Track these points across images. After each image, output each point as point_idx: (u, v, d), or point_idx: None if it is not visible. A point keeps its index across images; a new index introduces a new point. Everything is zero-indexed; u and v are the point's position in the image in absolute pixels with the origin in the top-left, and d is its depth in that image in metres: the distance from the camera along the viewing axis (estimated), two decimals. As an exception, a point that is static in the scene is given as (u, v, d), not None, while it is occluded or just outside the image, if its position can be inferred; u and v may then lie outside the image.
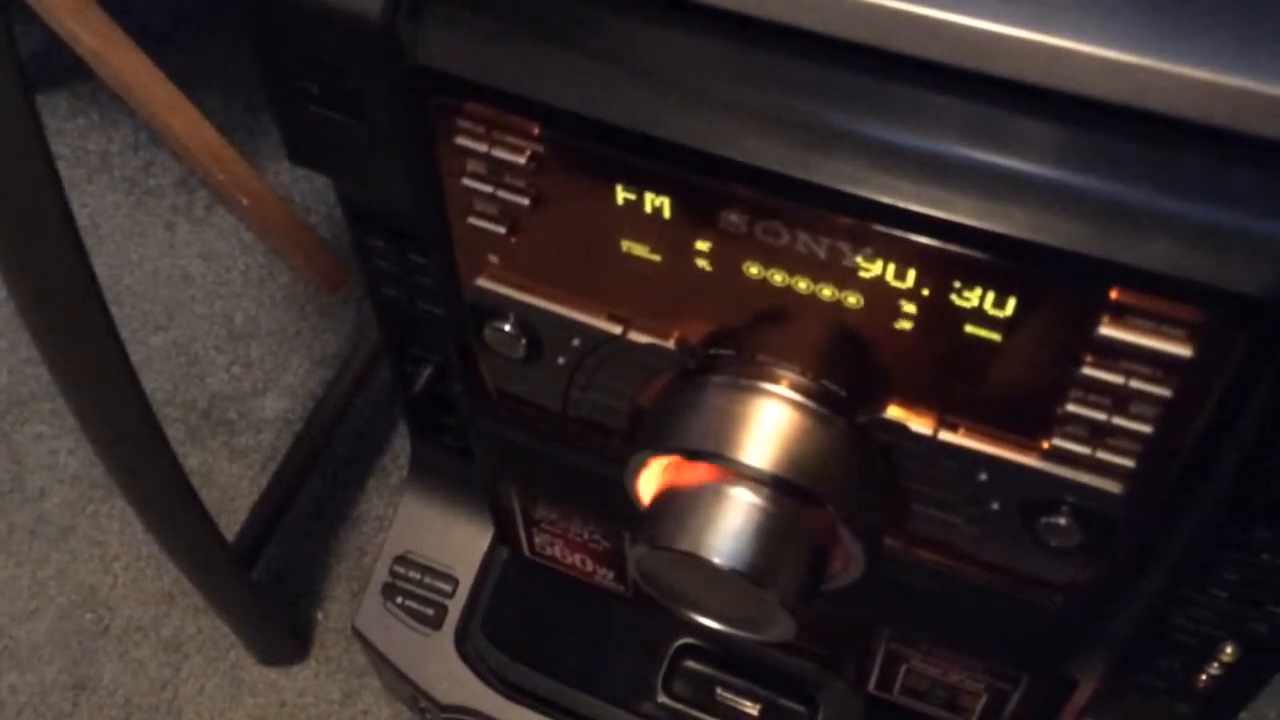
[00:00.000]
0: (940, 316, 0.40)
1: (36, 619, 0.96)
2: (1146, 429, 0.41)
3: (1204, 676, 0.56)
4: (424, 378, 0.64)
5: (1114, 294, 0.37)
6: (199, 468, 1.02)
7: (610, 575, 0.68)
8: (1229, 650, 0.54)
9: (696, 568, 0.47)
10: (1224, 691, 0.57)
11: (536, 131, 0.42)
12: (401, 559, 0.78)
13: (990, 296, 0.39)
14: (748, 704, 0.73)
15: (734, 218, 0.41)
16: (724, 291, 0.44)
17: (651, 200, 0.42)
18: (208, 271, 1.12)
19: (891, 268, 0.40)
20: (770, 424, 0.46)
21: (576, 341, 0.49)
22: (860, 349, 0.43)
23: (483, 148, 0.43)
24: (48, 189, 0.55)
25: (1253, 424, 0.41)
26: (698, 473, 0.48)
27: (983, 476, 0.45)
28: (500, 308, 0.49)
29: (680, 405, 0.48)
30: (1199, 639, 0.54)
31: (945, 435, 0.44)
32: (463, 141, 0.43)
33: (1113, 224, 0.37)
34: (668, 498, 0.49)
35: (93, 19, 0.94)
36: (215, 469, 1.03)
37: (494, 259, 0.48)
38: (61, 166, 0.55)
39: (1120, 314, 0.38)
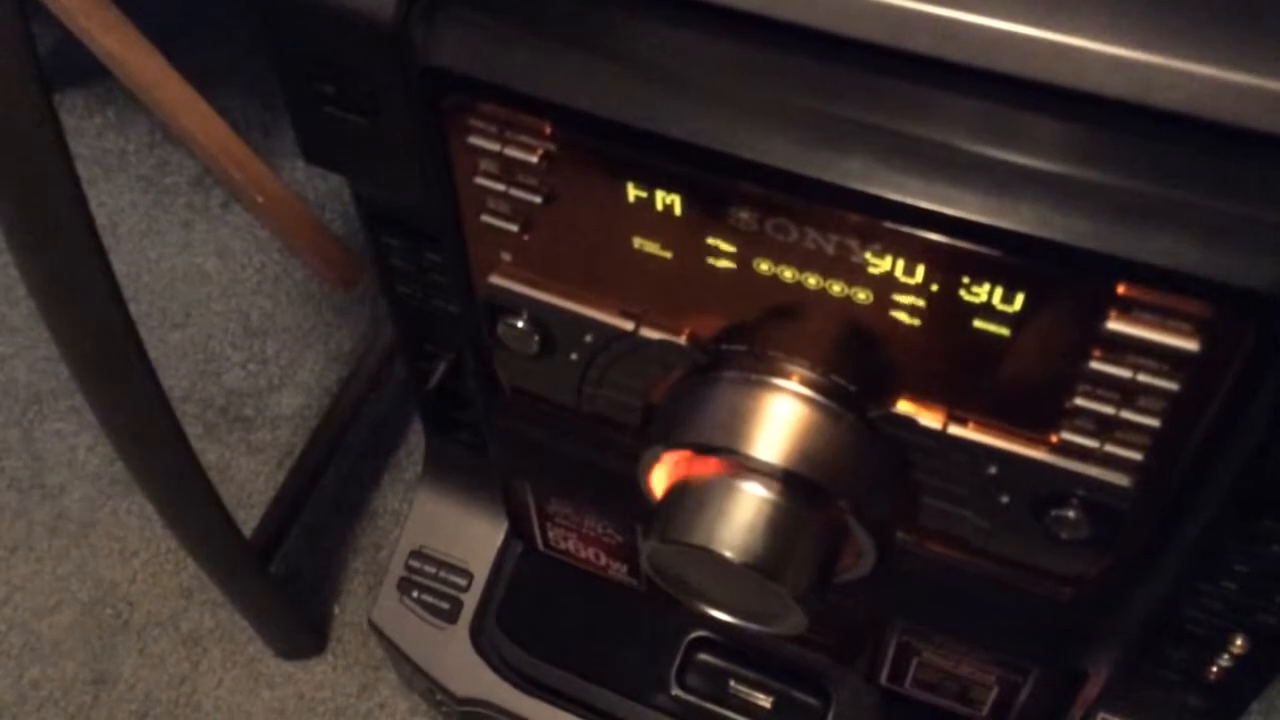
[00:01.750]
0: (949, 312, 0.41)
1: (57, 614, 0.97)
2: (1155, 423, 0.41)
3: (1214, 668, 0.57)
4: (438, 374, 0.65)
5: (1121, 289, 0.38)
6: (217, 463, 1.03)
7: (624, 569, 0.69)
8: (1239, 642, 0.55)
9: (709, 561, 0.48)
10: (1235, 683, 0.58)
11: (548, 131, 0.42)
12: (417, 554, 0.78)
13: (999, 292, 0.39)
14: (761, 696, 0.73)
15: (744, 215, 0.41)
16: (735, 288, 0.44)
17: (662, 198, 0.42)
18: (224, 269, 1.13)
19: (900, 263, 0.40)
20: (781, 419, 0.46)
21: (589, 338, 0.49)
22: (870, 344, 0.44)
23: (495, 147, 0.44)
24: (66, 188, 0.55)
25: (1260, 417, 0.41)
26: (710, 467, 0.48)
27: (992, 470, 0.45)
28: (513, 304, 0.49)
29: (692, 400, 0.48)
30: (1209, 631, 0.54)
31: (955, 429, 0.45)
32: (475, 141, 0.44)
33: (1120, 219, 0.37)
34: (680, 492, 0.49)
35: (109, 19, 0.94)
36: (233, 465, 1.03)
37: (507, 256, 0.48)
38: (79, 165, 0.55)
39: (1128, 309, 0.38)
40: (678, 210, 0.42)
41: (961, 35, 0.38)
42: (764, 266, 0.43)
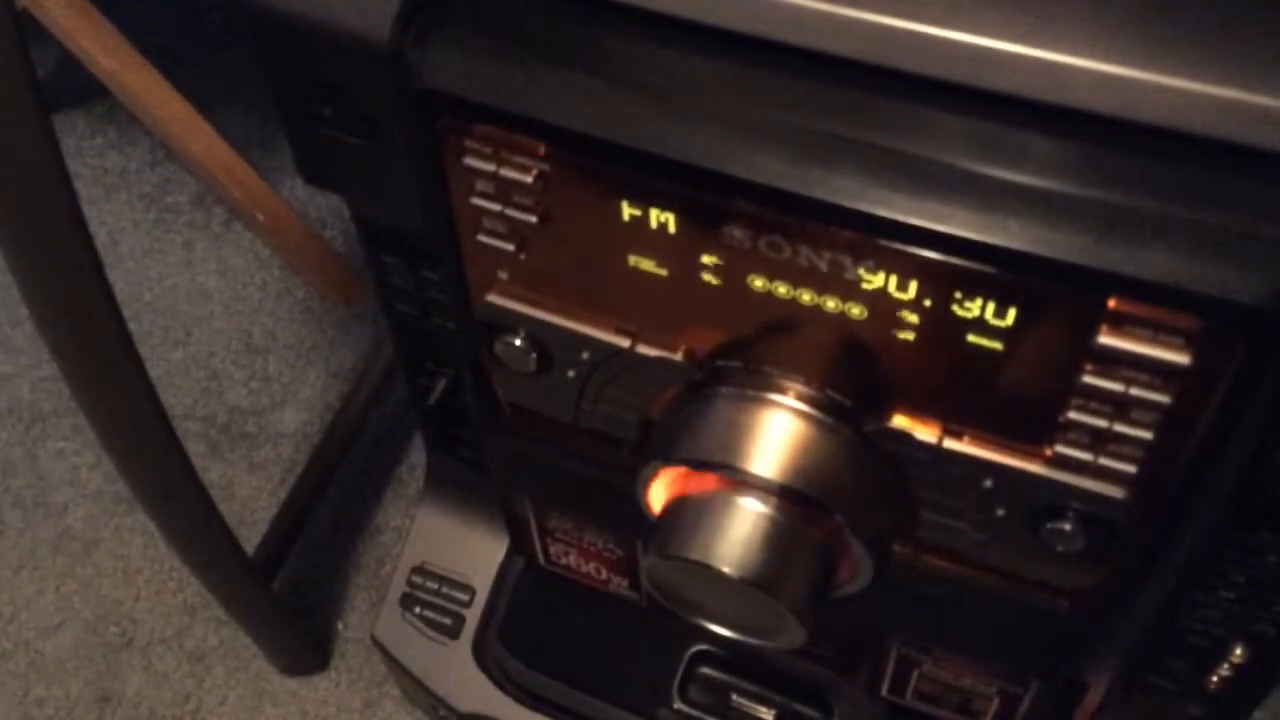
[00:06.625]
0: (942, 327, 0.41)
1: (61, 633, 0.97)
2: (1148, 435, 0.41)
3: (1214, 678, 0.57)
4: (438, 391, 0.65)
5: (1112, 304, 0.38)
6: (219, 481, 1.03)
7: (625, 583, 0.69)
8: (1239, 651, 0.55)
9: (707, 576, 0.48)
10: (1235, 692, 0.58)
11: (542, 151, 0.43)
12: (419, 569, 0.79)
13: (991, 307, 0.40)
14: (763, 709, 0.73)
15: (737, 232, 0.42)
16: (730, 304, 0.44)
17: (656, 216, 0.43)
18: (225, 287, 1.13)
19: (893, 280, 0.40)
20: (778, 434, 0.47)
21: (586, 355, 0.49)
22: (865, 359, 0.44)
23: (490, 167, 0.44)
24: (65, 208, 0.55)
25: (1253, 429, 0.41)
26: (707, 483, 0.48)
27: (987, 483, 0.45)
28: (510, 322, 0.50)
29: (689, 416, 0.48)
30: (1207, 640, 0.55)
31: (950, 443, 0.45)
32: (471, 162, 0.44)
33: (1110, 235, 0.37)
34: (678, 508, 0.49)
35: (108, 39, 0.95)
36: (235, 482, 1.03)
37: (503, 275, 0.48)
38: (80, 185, 0.56)
39: (1119, 323, 0.38)
40: (672, 228, 0.43)
41: (950, 53, 0.38)
42: (758, 283, 0.43)
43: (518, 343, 0.50)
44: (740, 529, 0.47)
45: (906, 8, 0.38)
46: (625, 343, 0.48)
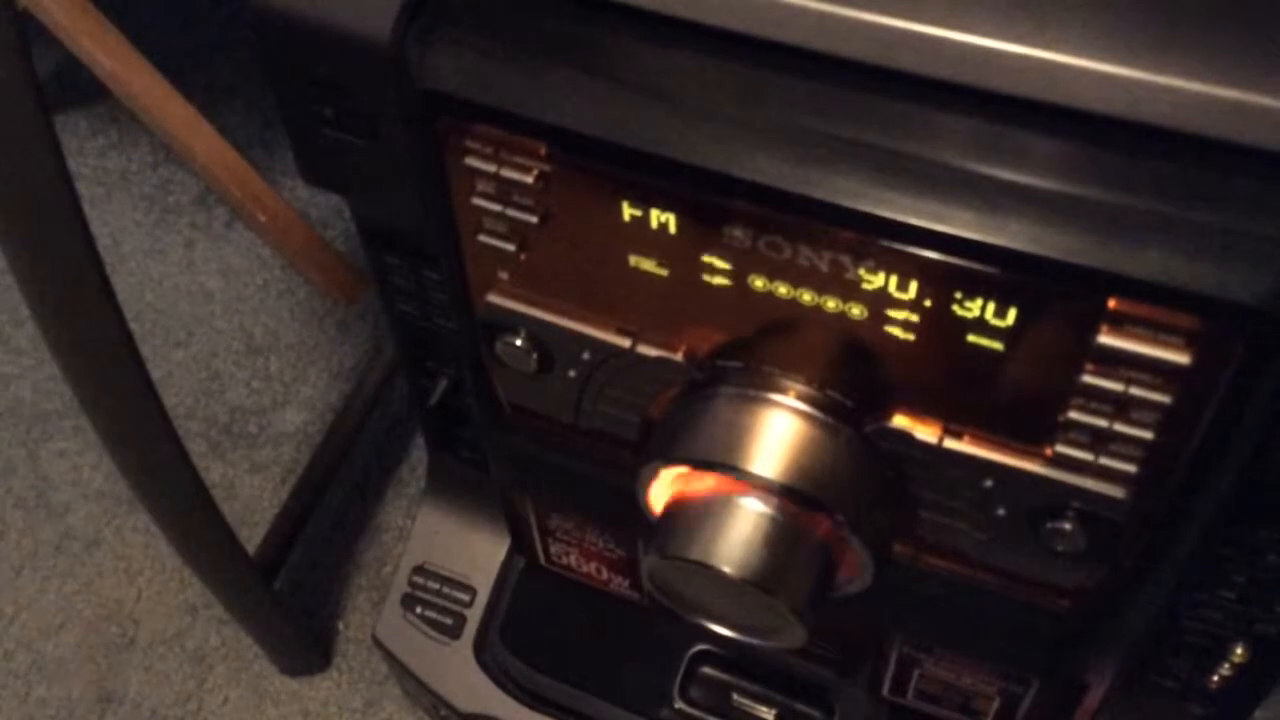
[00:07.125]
0: (943, 327, 0.41)
1: (63, 633, 0.97)
2: (1148, 435, 0.41)
3: (1215, 677, 0.57)
4: (439, 391, 0.65)
5: (1112, 304, 0.38)
6: (221, 481, 1.03)
7: (626, 583, 0.69)
8: (1239, 650, 0.55)
9: (707, 576, 0.48)
10: (1237, 691, 0.58)
11: (543, 152, 0.43)
12: (420, 570, 0.79)
13: (991, 307, 0.40)
14: (764, 709, 0.73)
15: (738, 233, 0.42)
16: (730, 304, 0.44)
17: (657, 216, 0.43)
18: (227, 287, 1.14)
19: (893, 280, 0.41)
20: (778, 434, 0.47)
21: (586, 355, 0.49)
22: (865, 359, 0.44)
23: (491, 168, 0.44)
24: (66, 208, 0.55)
25: (1253, 429, 0.41)
26: (708, 483, 0.48)
27: (988, 483, 0.45)
28: (511, 323, 0.50)
29: (689, 416, 0.48)
30: (1208, 640, 0.55)
31: (950, 443, 0.45)
32: (472, 162, 0.44)
33: (1109, 235, 0.37)
34: (678, 507, 0.49)
35: (110, 40, 0.95)
36: (237, 482, 1.04)
37: (504, 275, 0.48)
38: (81, 185, 0.56)
39: (1119, 323, 0.38)
40: (672, 228, 0.43)
41: (950, 54, 0.38)
42: (759, 283, 0.43)
43: (518, 343, 0.50)
44: (741, 529, 0.47)
45: (907, 8, 0.38)
46: (626, 343, 0.48)
